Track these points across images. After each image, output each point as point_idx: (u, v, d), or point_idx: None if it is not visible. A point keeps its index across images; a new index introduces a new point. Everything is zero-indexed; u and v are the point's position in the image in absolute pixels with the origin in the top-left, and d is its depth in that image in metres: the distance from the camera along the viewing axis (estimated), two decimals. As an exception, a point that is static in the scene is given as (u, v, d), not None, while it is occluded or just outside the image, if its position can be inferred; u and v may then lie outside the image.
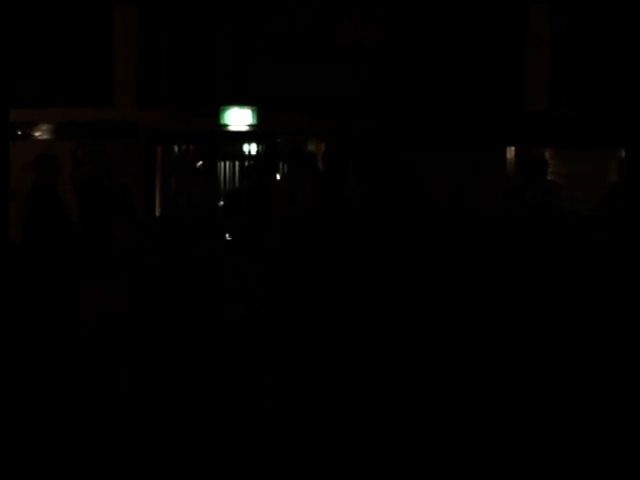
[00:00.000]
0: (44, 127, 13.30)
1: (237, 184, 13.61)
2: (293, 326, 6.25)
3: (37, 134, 13.31)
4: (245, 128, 13.49)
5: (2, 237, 7.08)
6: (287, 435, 5.81)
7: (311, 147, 13.36)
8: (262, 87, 13.27)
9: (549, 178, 10.92)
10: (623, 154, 12.16)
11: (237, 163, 13.84)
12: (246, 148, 13.96)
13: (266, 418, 5.88)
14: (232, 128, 13.49)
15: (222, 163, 13.86)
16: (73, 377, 6.07)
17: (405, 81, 13.35)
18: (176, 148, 13.85)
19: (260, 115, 13.37)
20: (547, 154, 12.59)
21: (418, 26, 13.41)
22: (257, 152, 13.90)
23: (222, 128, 13.45)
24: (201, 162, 11.68)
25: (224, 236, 10.18)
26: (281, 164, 13.60)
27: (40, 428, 6.02)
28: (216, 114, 13.27)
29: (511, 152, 13.20)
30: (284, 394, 5.99)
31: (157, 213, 13.33)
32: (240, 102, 13.32)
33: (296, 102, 13.04)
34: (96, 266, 6.40)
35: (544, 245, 9.27)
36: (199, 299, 7.38)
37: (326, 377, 6.61)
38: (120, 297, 6.31)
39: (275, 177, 13.16)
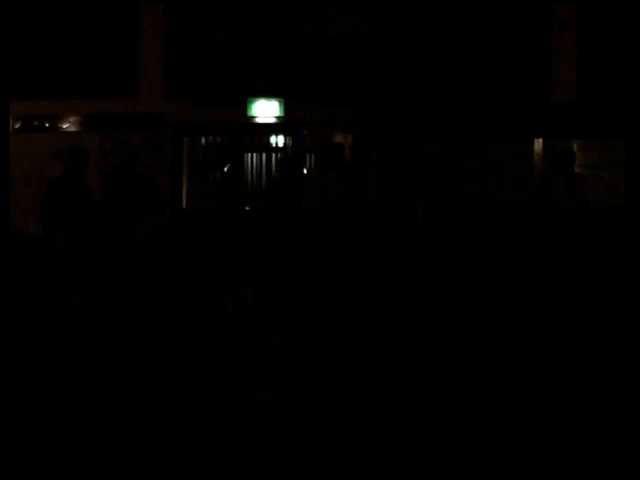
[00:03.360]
0: (71, 119, 13.39)
1: (264, 175, 13.69)
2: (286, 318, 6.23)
3: (64, 126, 13.39)
4: (272, 120, 13.52)
5: (2, 233, 7.14)
6: (280, 426, 5.84)
7: (338, 138, 13.34)
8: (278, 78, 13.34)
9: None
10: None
11: (264, 155, 13.87)
12: (273, 140, 13.95)
13: (259, 409, 5.90)
14: (259, 120, 13.53)
15: (249, 155, 13.88)
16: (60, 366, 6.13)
17: (424, 74, 13.35)
18: (203, 139, 13.86)
19: (287, 107, 13.39)
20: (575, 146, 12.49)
21: (439, 17, 13.37)
22: (284, 144, 13.90)
23: (249, 120, 13.50)
24: (229, 165, 11.69)
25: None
26: (308, 156, 13.63)
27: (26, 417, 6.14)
28: (242, 105, 13.32)
29: (538, 144, 13.08)
30: (278, 386, 6.00)
31: (184, 205, 13.39)
32: (267, 94, 13.35)
33: (310, 94, 13.13)
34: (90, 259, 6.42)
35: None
36: (194, 290, 7.44)
37: (323, 368, 6.64)
38: (106, 288, 6.34)
39: (302, 169, 13.19)
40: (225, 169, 11.55)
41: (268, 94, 13.34)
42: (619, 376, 7.11)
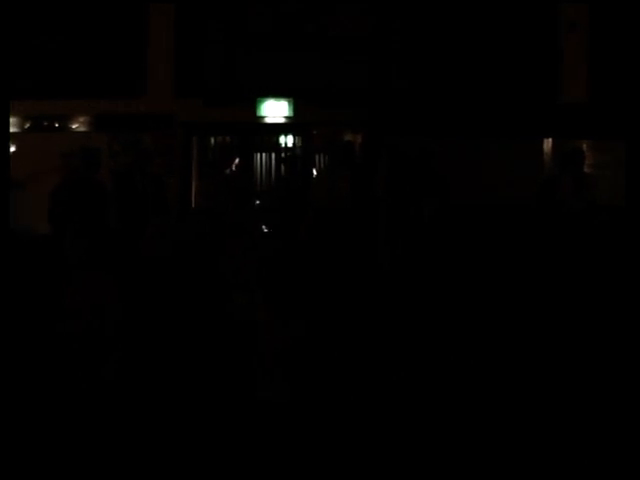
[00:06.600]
0: (80, 119, 13.45)
1: (273, 175, 13.72)
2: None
3: (73, 126, 13.45)
4: (281, 120, 13.55)
5: (2, 229, 7.19)
6: (282, 426, 5.85)
7: (347, 138, 13.34)
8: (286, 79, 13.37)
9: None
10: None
11: (273, 155, 13.90)
12: (282, 140, 13.98)
13: (260, 410, 5.91)
14: (268, 120, 13.56)
15: (258, 155, 13.91)
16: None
17: (424, 74, 13.36)
18: (212, 139, 13.90)
19: (296, 107, 13.42)
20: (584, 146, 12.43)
21: (441, 17, 13.36)
22: (293, 144, 13.92)
23: (258, 120, 13.53)
24: (238, 159, 11.72)
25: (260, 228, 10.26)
26: (317, 156, 13.64)
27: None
28: (252, 105, 13.36)
29: (548, 144, 13.06)
30: (290, 385, 6.00)
31: (193, 205, 13.42)
32: (277, 94, 13.38)
33: (310, 94, 13.17)
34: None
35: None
36: (199, 289, 7.49)
37: (329, 367, 6.63)
38: (111, 287, 6.38)
39: (311, 168, 13.24)
40: (234, 165, 11.58)
41: (269, 94, 13.37)
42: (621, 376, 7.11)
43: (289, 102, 13.43)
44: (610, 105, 12.78)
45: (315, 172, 13.28)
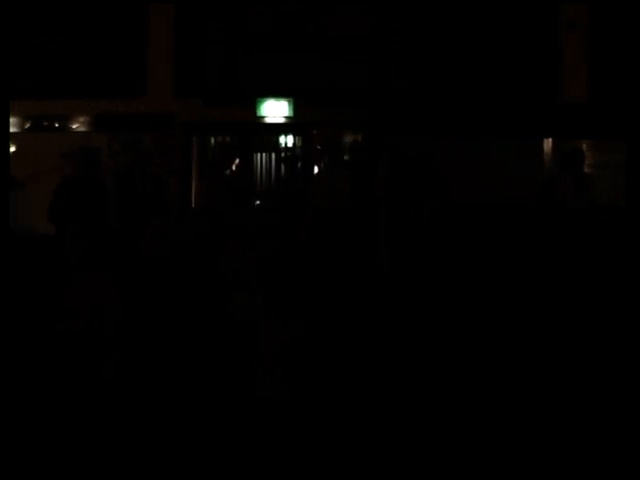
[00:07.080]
0: (80, 119, 13.47)
1: (273, 175, 13.72)
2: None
3: (73, 126, 13.47)
4: (281, 120, 13.56)
5: (2, 229, 7.20)
6: (282, 426, 5.85)
7: (348, 138, 13.37)
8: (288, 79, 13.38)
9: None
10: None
11: (273, 155, 13.90)
12: (282, 140, 13.98)
13: (260, 410, 5.91)
14: (268, 120, 13.57)
15: (258, 155, 13.91)
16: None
17: (424, 74, 13.37)
18: (212, 139, 13.90)
19: (296, 107, 13.43)
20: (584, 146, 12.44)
21: (441, 17, 13.37)
22: (293, 144, 13.93)
23: (258, 120, 13.54)
24: (238, 159, 11.73)
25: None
26: (317, 155, 13.63)
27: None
28: (252, 105, 13.37)
29: (548, 144, 13.07)
30: (290, 385, 6.01)
31: (192, 205, 13.43)
32: (277, 94, 13.39)
33: (310, 94, 13.19)
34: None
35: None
36: (199, 289, 7.51)
37: (329, 367, 6.64)
38: (111, 287, 6.39)
39: (311, 168, 13.24)
40: (234, 165, 11.59)
41: (269, 94, 13.38)
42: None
43: (289, 102, 13.44)
44: (610, 105, 12.79)
45: (315, 172, 13.30)
